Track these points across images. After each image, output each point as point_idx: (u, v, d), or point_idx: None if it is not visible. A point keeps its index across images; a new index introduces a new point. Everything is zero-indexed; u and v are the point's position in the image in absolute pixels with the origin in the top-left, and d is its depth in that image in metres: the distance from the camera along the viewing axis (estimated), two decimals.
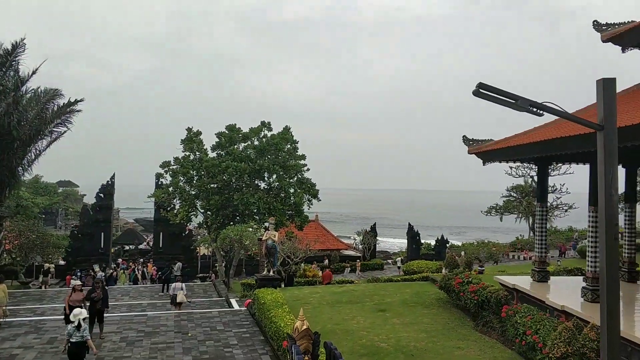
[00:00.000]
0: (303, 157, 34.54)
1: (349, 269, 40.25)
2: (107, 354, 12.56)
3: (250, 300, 17.99)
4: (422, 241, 49.65)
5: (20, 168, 31.52)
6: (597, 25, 14.37)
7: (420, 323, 13.95)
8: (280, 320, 12.71)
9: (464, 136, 15.59)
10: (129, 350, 12.94)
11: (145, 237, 62.79)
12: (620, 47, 14.10)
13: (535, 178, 20.50)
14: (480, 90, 4.71)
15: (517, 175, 50.05)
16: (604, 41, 14.13)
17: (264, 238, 21.65)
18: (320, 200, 35.36)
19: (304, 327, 7.75)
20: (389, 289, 19.33)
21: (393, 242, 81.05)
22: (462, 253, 35.55)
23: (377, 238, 51.53)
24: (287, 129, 34.57)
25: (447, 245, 48.38)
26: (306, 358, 7.52)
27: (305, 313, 11.38)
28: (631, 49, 14.03)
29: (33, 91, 31.55)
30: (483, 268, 30.55)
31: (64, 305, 14.46)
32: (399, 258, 46.86)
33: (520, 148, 13.24)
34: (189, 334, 14.52)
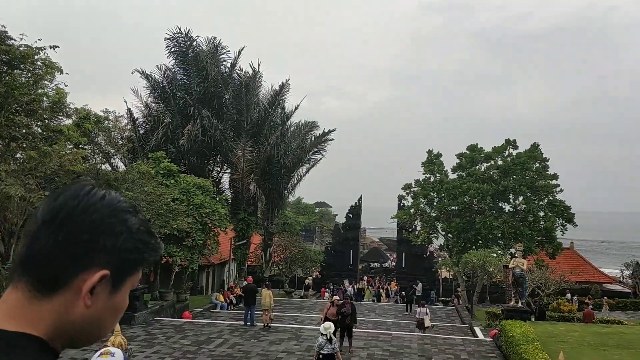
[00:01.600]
0: (555, 176, 31.56)
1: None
2: None
3: (497, 331, 16.86)
4: None
5: (286, 191, 37.35)
6: None
7: None
8: (532, 359, 11.53)
9: None
10: None
11: (389, 256, 65.41)
12: None
13: None
14: None
15: None
16: None
17: (510, 265, 20.36)
18: (576, 225, 31.57)
19: None
20: None
21: None
22: None
23: None
24: (535, 146, 32.25)
25: None
26: None
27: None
28: None
29: (295, 124, 37.04)
30: None
31: (321, 316, 15.98)
32: None
33: None
34: None
